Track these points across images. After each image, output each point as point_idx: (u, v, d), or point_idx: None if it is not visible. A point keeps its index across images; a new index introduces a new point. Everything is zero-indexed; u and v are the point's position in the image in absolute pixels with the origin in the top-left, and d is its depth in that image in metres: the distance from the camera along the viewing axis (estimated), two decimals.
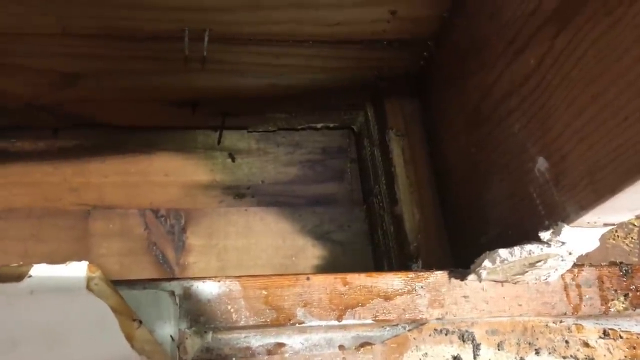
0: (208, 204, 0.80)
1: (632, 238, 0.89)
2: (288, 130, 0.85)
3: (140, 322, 0.44)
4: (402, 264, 0.67)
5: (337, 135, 0.86)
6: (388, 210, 0.71)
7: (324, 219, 0.82)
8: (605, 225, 0.44)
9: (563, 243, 0.44)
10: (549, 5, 0.44)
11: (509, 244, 0.49)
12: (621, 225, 0.89)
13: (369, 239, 0.80)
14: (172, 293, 0.48)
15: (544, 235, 0.45)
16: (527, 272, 0.50)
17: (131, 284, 0.49)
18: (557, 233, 0.44)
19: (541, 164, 0.46)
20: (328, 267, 0.79)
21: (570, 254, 0.46)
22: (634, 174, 0.37)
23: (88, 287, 0.41)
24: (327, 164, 0.85)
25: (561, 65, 0.43)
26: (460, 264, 0.55)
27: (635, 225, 0.90)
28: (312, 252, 0.79)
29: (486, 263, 0.49)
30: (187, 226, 0.78)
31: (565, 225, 0.44)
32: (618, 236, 0.88)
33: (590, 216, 0.42)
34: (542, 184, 0.46)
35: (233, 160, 0.82)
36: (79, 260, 0.78)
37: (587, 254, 0.70)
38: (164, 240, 0.77)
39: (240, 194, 0.81)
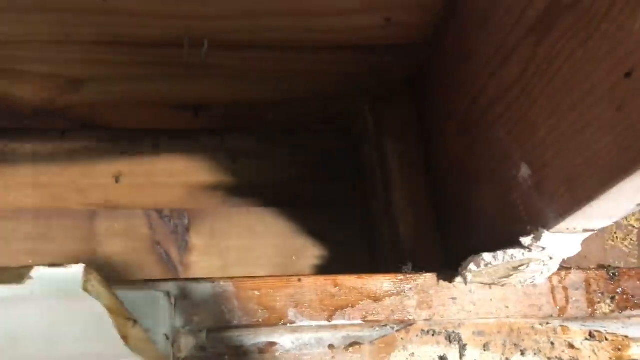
0: (211, 204, 0.82)
1: (631, 240, 0.89)
2: (289, 132, 0.86)
3: (135, 321, 0.45)
4: (396, 266, 0.68)
5: (336, 138, 0.88)
6: (384, 212, 0.73)
7: (323, 219, 0.83)
8: (585, 231, 0.45)
9: (544, 248, 0.46)
10: (531, 15, 0.45)
11: (495, 247, 0.50)
12: (620, 226, 0.90)
13: (367, 241, 0.81)
14: (168, 293, 0.50)
15: (525, 240, 0.46)
16: (512, 275, 0.51)
17: (128, 284, 0.51)
18: (537, 238, 0.45)
19: (524, 170, 0.47)
20: (327, 267, 0.80)
21: (551, 258, 0.47)
22: (608, 182, 0.38)
23: (84, 289, 0.43)
24: (326, 166, 0.86)
25: (542, 74, 0.44)
26: (453, 266, 0.56)
27: (634, 227, 0.91)
28: (311, 252, 0.81)
29: (471, 266, 0.50)
30: (190, 226, 0.80)
31: (546, 231, 0.45)
32: (617, 238, 0.89)
33: (569, 222, 0.43)
34: (525, 190, 0.47)
35: (235, 161, 0.83)
36: (85, 259, 0.81)
37: (585, 255, 0.71)
38: (167, 240, 0.80)
39: (242, 194, 0.83)
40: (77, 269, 0.44)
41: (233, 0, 0.61)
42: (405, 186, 0.69)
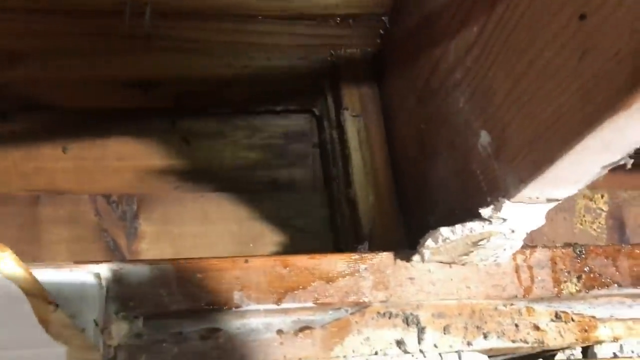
0: (162, 189, 0.78)
1: (599, 223, 0.87)
2: (247, 113, 0.82)
3: (57, 305, 0.41)
4: (355, 248, 0.65)
5: (298, 119, 0.84)
6: (344, 193, 0.69)
7: (283, 204, 0.79)
8: (549, 200, 0.42)
9: (504, 219, 0.42)
10: None
11: (455, 222, 0.47)
12: (589, 210, 0.88)
13: (330, 225, 0.77)
14: (98, 275, 0.46)
15: (485, 211, 0.43)
16: (472, 252, 0.47)
17: (57, 266, 0.46)
18: (497, 209, 0.42)
19: (484, 138, 0.44)
20: (286, 253, 0.76)
21: (513, 231, 0.44)
22: (569, 141, 0.35)
23: None
24: (287, 148, 0.82)
25: (501, 31, 0.41)
26: (413, 246, 0.52)
27: (603, 210, 0.88)
28: (270, 239, 0.77)
29: (429, 242, 0.47)
30: (139, 212, 0.76)
31: (506, 201, 0.41)
32: (586, 221, 0.87)
33: (530, 190, 0.40)
34: (484, 158, 0.44)
35: (188, 143, 0.79)
36: (27, 247, 0.75)
37: (554, 239, 0.68)
38: (115, 227, 0.75)
39: (196, 179, 0.78)
40: None
41: None
42: (366, 165, 0.66)
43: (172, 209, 0.77)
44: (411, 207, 0.60)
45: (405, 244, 0.62)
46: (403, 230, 0.63)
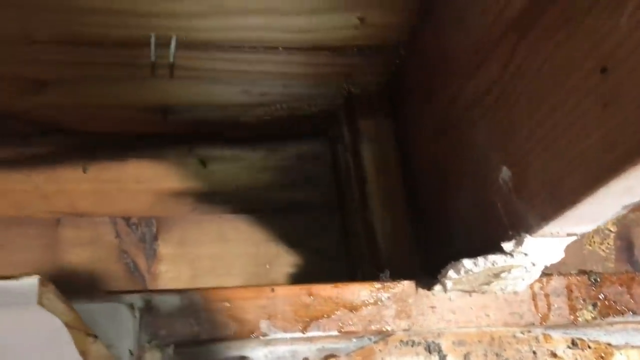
0: (180, 211, 0.79)
1: (608, 244, 0.89)
2: (262, 136, 0.84)
3: (96, 336, 0.43)
4: (373, 272, 0.66)
5: (312, 142, 0.85)
6: (360, 217, 0.70)
7: (298, 226, 0.81)
8: (569, 235, 0.43)
9: (526, 254, 0.44)
10: (510, 14, 0.44)
11: (475, 253, 0.48)
12: (597, 231, 0.89)
13: (344, 246, 0.79)
14: (132, 306, 0.47)
15: (507, 246, 0.44)
16: (492, 282, 0.49)
17: (91, 297, 0.48)
18: (519, 244, 0.44)
19: (505, 173, 0.46)
20: (302, 274, 0.78)
21: (534, 264, 0.45)
22: (592, 185, 0.36)
23: (40, 302, 0.40)
24: (302, 170, 0.84)
25: (522, 75, 0.43)
26: (431, 273, 0.54)
27: (611, 230, 0.90)
28: (286, 260, 0.79)
29: (451, 273, 0.49)
30: (158, 234, 0.77)
31: (528, 236, 0.43)
32: (594, 242, 0.88)
33: (552, 227, 0.41)
34: (505, 193, 0.46)
35: (204, 166, 0.80)
36: (49, 269, 0.77)
37: (563, 260, 0.70)
38: (135, 249, 0.76)
39: (213, 201, 0.80)
40: (32, 282, 0.41)
41: None
42: (382, 191, 0.67)
43: (190, 231, 0.78)
44: (428, 235, 0.62)
45: (422, 269, 0.64)
46: (419, 255, 0.65)
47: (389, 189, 0.67)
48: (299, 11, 0.61)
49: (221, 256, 0.78)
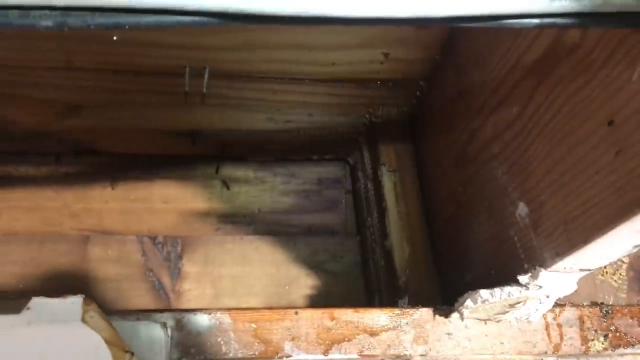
0: (204, 231, 0.82)
1: (620, 274, 0.90)
2: (285, 160, 0.87)
3: (132, 353, 0.45)
4: (391, 297, 0.69)
5: (332, 167, 0.88)
6: (379, 243, 0.73)
7: (318, 249, 0.83)
8: (582, 270, 0.46)
9: (540, 287, 0.46)
10: (529, 60, 0.46)
11: (491, 284, 0.51)
12: None
13: (361, 270, 0.81)
14: (164, 324, 0.50)
15: (523, 278, 0.47)
16: (508, 312, 0.51)
17: (124, 314, 0.51)
18: (535, 277, 0.46)
19: (521, 209, 0.48)
20: (320, 297, 0.80)
21: (547, 297, 0.48)
22: (604, 227, 0.39)
23: (83, 320, 0.43)
24: (322, 194, 0.87)
25: (540, 117, 0.45)
26: (448, 299, 0.56)
27: (623, 261, 0.92)
28: (305, 282, 0.81)
29: (468, 302, 0.51)
30: (183, 253, 0.80)
31: (543, 270, 0.45)
32: (607, 272, 0.90)
33: (565, 262, 0.44)
34: (522, 228, 0.48)
35: (228, 188, 0.83)
36: (77, 285, 0.80)
37: (576, 290, 0.72)
38: (160, 267, 0.79)
39: (236, 222, 0.83)
40: (76, 300, 0.44)
41: (234, 31, 0.62)
42: (401, 218, 0.70)
43: (213, 251, 0.81)
44: (445, 262, 0.64)
45: (439, 296, 0.66)
46: (436, 281, 0.68)
47: (408, 216, 0.70)
48: (326, 47, 0.64)
49: (242, 276, 0.81)
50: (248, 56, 0.65)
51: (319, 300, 0.79)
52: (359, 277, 0.82)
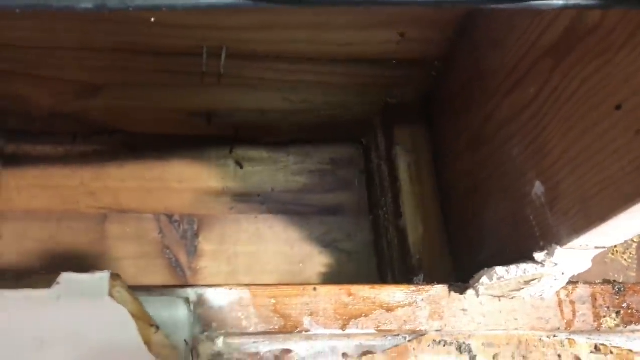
0: (220, 210, 0.83)
1: (630, 254, 0.91)
2: (299, 141, 0.87)
3: (158, 327, 0.47)
4: (404, 275, 0.70)
5: (346, 147, 0.89)
6: (393, 222, 0.74)
7: (331, 228, 0.84)
8: (597, 248, 0.47)
9: (556, 264, 0.47)
10: (547, 40, 0.47)
11: (506, 262, 0.52)
12: None
13: (374, 249, 0.83)
14: (187, 300, 0.51)
15: (539, 256, 0.48)
16: (522, 289, 0.52)
17: (149, 290, 0.52)
18: (550, 254, 0.47)
19: (538, 188, 0.49)
20: (334, 275, 0.82)
21: (563, 274, 0.49)
22: (621, 205, 0.39)
23: (111, 294, 0.45)
24: (336, 174, 0.88)
25: (557, 98, 0.46)
26: (462, 277, 0.57)
27: (634, 241, 0.92)
28: (318, 260, 0.82)
29: (484, 279, 0.52)
30: (199, 231, 0.81)
31: (559, 247, 0.46)
32: (617, 251, 0.91)
33: (581, 240, 0.45)
34: (538, 207, 0.49)
35: (242, 167, 0.84)
36: (95, 263, 0.81)
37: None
38: (177, 245, 0.80)
39: (251, 201, 0.84)
40: (104, 275, 0.45)
41: (252, 12, 0.62)
42: (415, 198, 0.71)
43: (228, 229, 0.82)
44: (459, 241, 0.65)
45: (452, 274, 0.68)
46: (450, 261, 0.69)
47: (422, 196, 0.71)
48: (343, 27, 0.64)
49: (257, 254, 0.82)
50: (265, 36, 0.65)
51: (332, 278, 0.81)
52: (372, 256, 0.83)
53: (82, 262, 0.80)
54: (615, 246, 0.91)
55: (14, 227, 0.79)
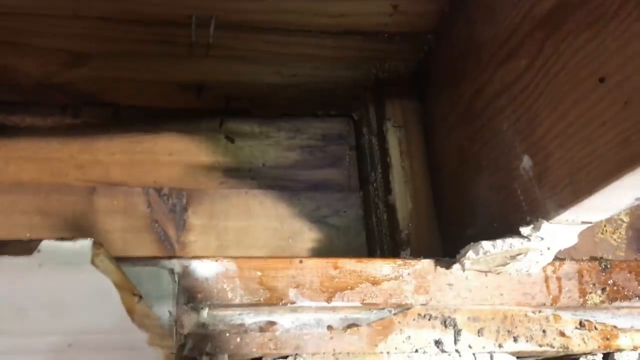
0: (209, 184, 0.83)
1: (620, 233, 0.91)
2: (290, 115, 0.87)
3: (141, 297, 0.46)
4: (393, 250, 0.70)
5: (337, 122, 0.88)
6: (382, 198, 0.74)
7: (321, 203, 0.84)
8: (583, 222, 0.46)
9: (542, 238, 0.47)
10: (539, 11, 0.46)
11: (493, 236, 0.52)
12: (610, 220, 0.92)
13: (364, 225, 0.82)
14: (172, 271, 0.51)
15: (525, 230, 0.47)
16: (508, 263, 0.52)
17: (133, 261, 0.52)
18: (537, 228, 0.47)
19: (526, 162, 0.48)
20: (323, 250, 0.81)
21: (549, 248, 0.49)
22: (608, 178, 0.39)
23: (93, 263, 0.44)
24: (326, 150, 0.87)
25: (548, 70, 0.45)
26: (449, 253, 0.57)
27: (624, 220, 0.92)
28: (308, 236, 0.82)
29: (470, 254, 0.52)
30: (188, 206, 0.81)
31: (545, 222, 0.46)
32: (606, 231, 0.91)
33: (568, 214, 0.44)
34: (526, 181, 0.49)
35: (232, 142, 0.83)
36: (84, 236, 0.81)
37: (575, 247, 0.73)
38: (165, 219, 0.80)
39: (240, 176, 0.83)
40: (86, 243, 0.45)
41: None
42: (405, 174, 0.70)
43: (218, 204, 0.82)
44: (448, 216, 0.65)
45: (440, 249, 0.67)
46: (438, 236, 0.68)
47: (412, 172, 0.70)
48: None
49: (247, 229, 0.82)
50: (255, 6, 0.64)
51: (322, 253, 0.80)
52: (362, 232, 0.83)
53: (70, 235, 0.79)
54: (605, 225, 0.91)
55: (2, 199, 0.78)
